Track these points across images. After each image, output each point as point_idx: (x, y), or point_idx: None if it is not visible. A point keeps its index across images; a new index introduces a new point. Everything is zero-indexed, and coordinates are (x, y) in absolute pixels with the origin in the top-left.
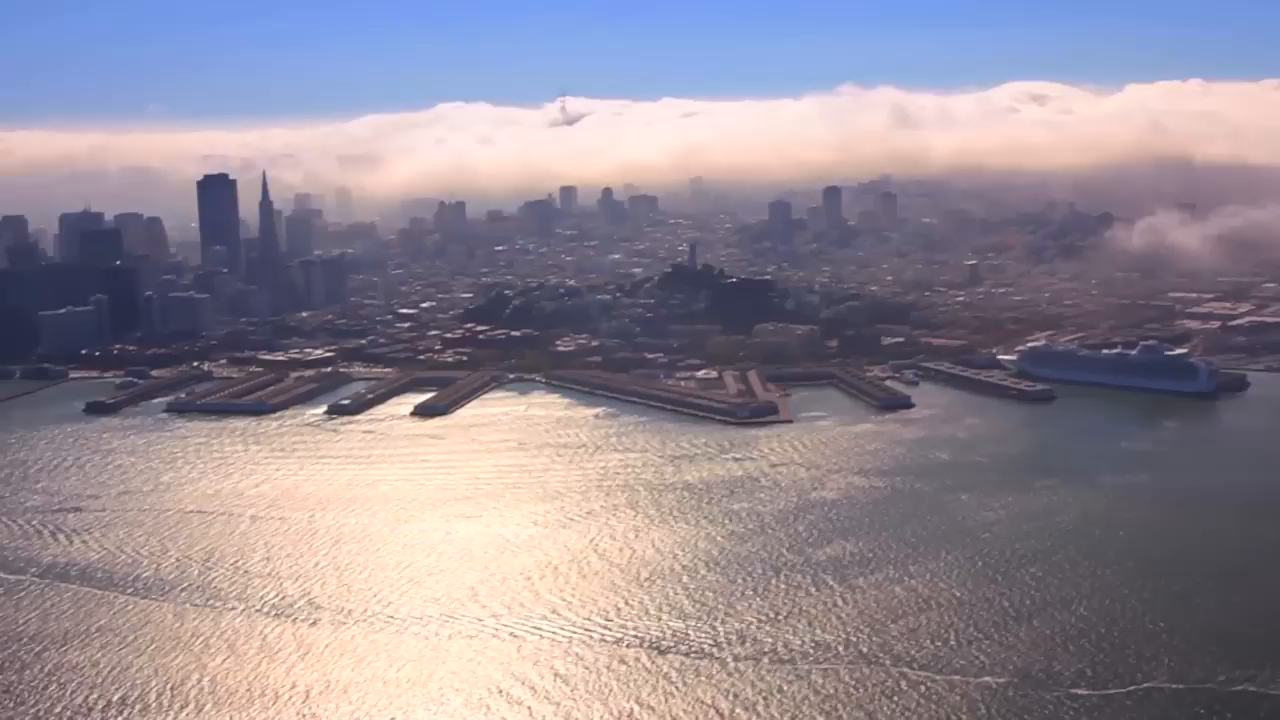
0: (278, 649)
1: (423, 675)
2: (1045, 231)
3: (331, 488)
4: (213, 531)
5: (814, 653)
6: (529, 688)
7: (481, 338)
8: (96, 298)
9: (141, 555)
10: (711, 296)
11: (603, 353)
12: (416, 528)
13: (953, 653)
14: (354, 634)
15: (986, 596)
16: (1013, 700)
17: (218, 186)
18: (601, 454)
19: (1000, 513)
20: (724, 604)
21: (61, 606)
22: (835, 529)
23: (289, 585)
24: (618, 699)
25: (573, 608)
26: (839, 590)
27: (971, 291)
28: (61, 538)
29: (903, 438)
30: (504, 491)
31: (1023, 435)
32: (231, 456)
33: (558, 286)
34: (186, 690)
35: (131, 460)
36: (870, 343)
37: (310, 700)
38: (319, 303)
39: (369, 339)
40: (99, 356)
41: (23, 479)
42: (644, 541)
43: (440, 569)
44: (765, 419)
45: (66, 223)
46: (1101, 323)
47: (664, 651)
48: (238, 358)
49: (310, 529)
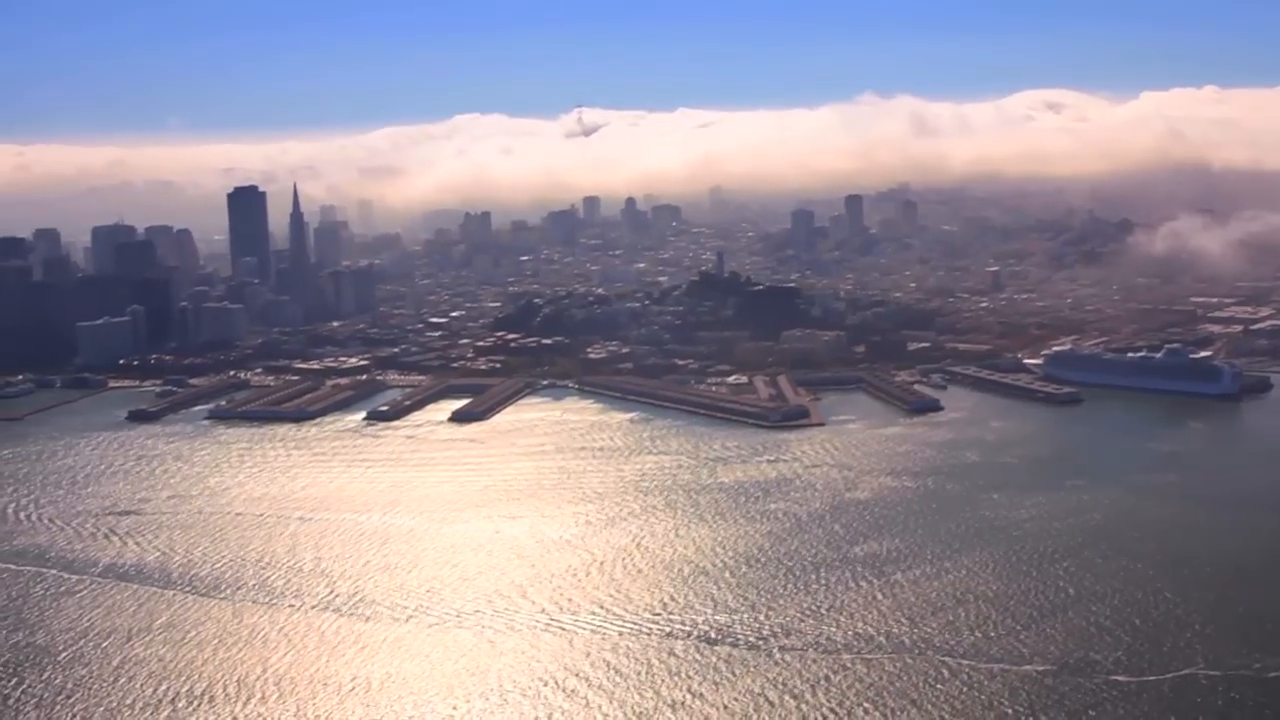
0: (336, 644)
1: (479, 668)
2: (1065, 238)
3: (376, 490)
4: (263, 533)
5: (857, 644)
6: (583, 679)
7: (513, 345)
8: (133, 308)
9: (196, 556)
10: (739, 303)
11: (633, 359)
12: (462, 528)
13: (993, 643)
14: (409, 629)
15: (1021, 591)
16: (1056, 687)
17: (248, 198)
18: (637, 457)
19: (1031, 511)
20: (766, 599)
21: (123, 604)
22: (870, 528)
23: (342, 583)
24: (669, 689)
25: (620, 603)
26: (877, 585)
27: (994, 297)
28: (117, 540)
29: (932, 440)
30: (545, 493)
31: (1051, 437)
32: (275, 461)
33: (586, 295)
34: (252, 683)
35: (178, 465)
36: (896, 348)
37: (373, 692)
38: (348, 312)
39: (402, 347)
40: (136, 366)
41: (74, 484)
42: (685, 540)
43: (489, 567)
44: (797, 422)
45: (98, 235)
46: (1124, 327)
47: (712, 644)
48: (273, 366)
49: (358, 529)
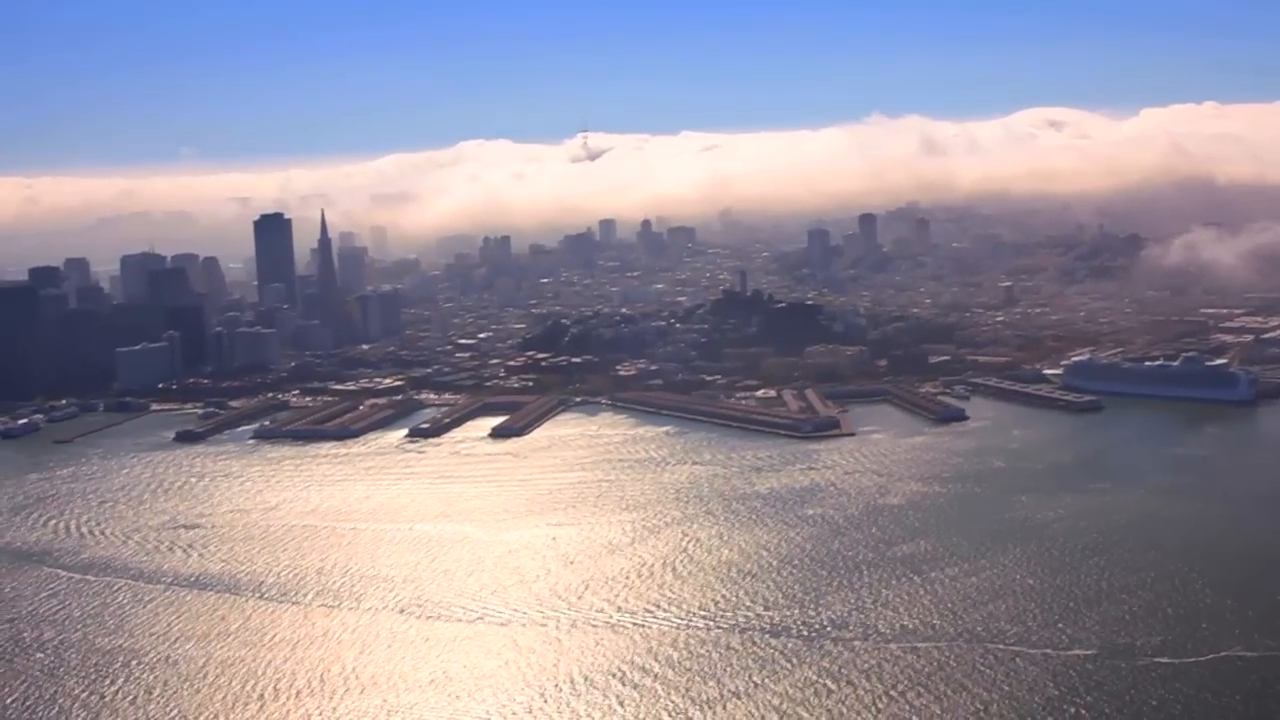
0: (409, 643)
1: (550, 662)
2: (1076, 253)
3: (426, 502)
4: (322, 543)
5: (904, 635)
6: (648, 673)
7: (544, 364)
8: (169, 334)
9: (260, 565)
10: (762, 321)
11: (662, 376)
12: (515, 535)
13: (1033, 632)
14: (479, 629)
15: (1056, 585)
16: (1103, 668)
17: (273, 225)
18: (675, 468)
19: (1059, 512)
20: (813, 597)
21: (198, 610)
22: (906, 530)
23: (405, 588)
24: (731, 680)
25: (675, 603)
26: (918, 583)
27: (1009, 311)
28: (182, 552)
29: (959, 448)
30: (590, 503)
31: (1073, 443)
32: (325, 476)
33: (613, 315)
34: (334, 679)
35: (231, 482)
36: (918, 361)
37: (453, 685)
38: (375, 336)
39: (435, 368)
40: (175, 390)
41: (134, 501)
42: (729, 545)
43: (546, 571)
44: (828, 433)
45: (127, 264)
46: (1139, 338)
47: (768, 636)
48: (309, 388)
49: (414, 538)
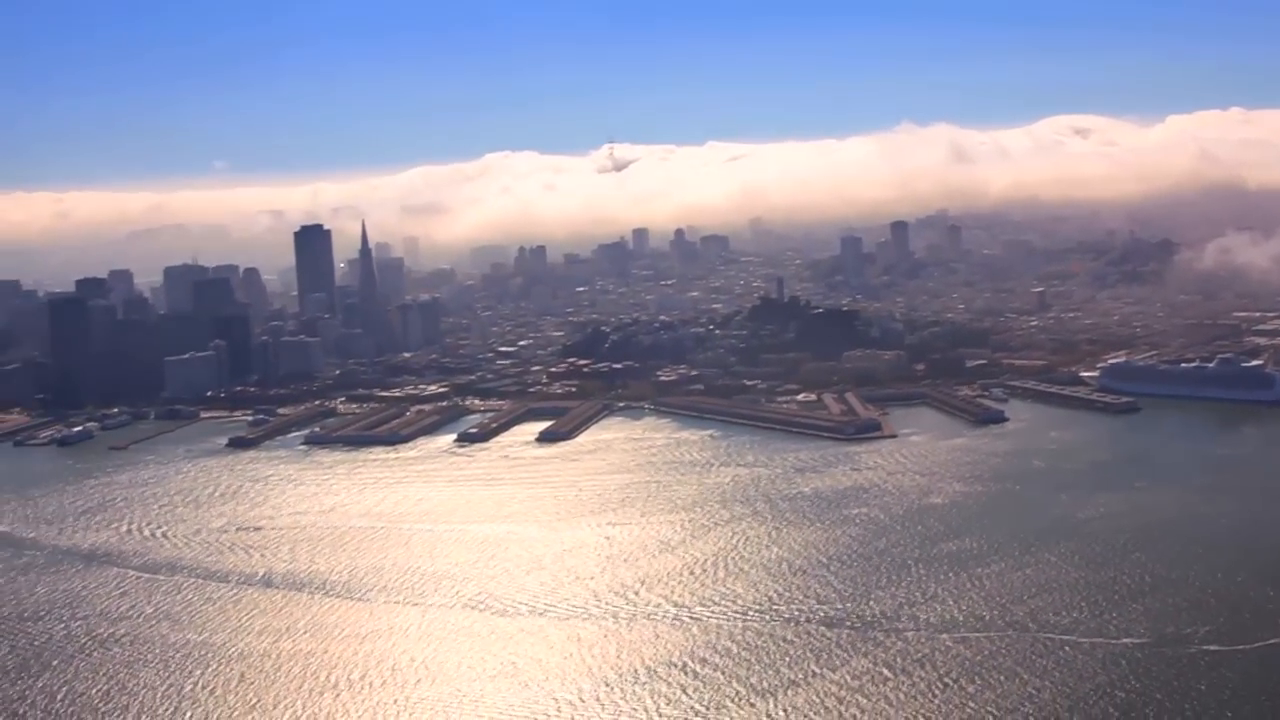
0: (474, 636)
1: (611, 655)
2: (1107, 258)
3: (479, 504)
4: (382, 543)
5: (955, 626)
6: (708, 663)
7: (586, 370)
8: (215, 343)
9: (323, 564)
10: (800, 327)
11: (703, 381)
12: (569, 534)
13: (1081, 624)
14: (542, 622)
15: (1102, 579)
16: (1155, 656)
17: (314, 237)
18: (720, 469)
19: (1101, 510)
20: (863, 591)
21: (265, 607)
22: (951, 529)
23: (467, 584)
24: (788, 670)
25: (729, 598)
26: (965, 578)
27: (1042, 316)
28: (248, 552)
29: (999, 449)
30: (639, 504)
31: (1112, 443)
32: (378, 480)
33: (651, 322)
34: (404, 670)
35: (288, 486)
36: (955, 365)
37: (520, 675)
38: (416, 344)
39: (478, 374)
40: (223, 398)
41: (195, 505)
42: (778, 543)
43: (602, 568)
44: (870, 435)
45: (170, 275)
46: (1173, 341)
47: (822, 628)
48: (355, 395)
49: (471, 537)
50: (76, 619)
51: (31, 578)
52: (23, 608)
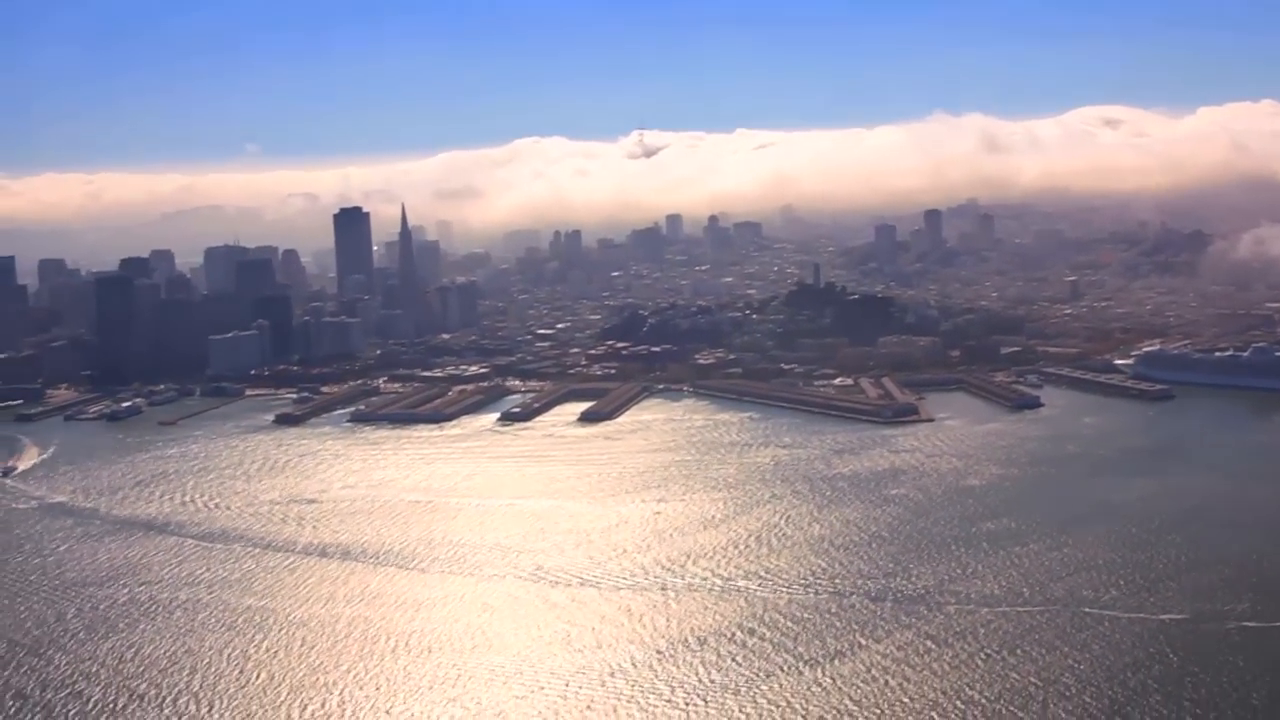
0: (526, 605)
1: (662, 624)
2: (1139, 249)
3: (526, 481)
4: (435, 516)
5: (998, 602)
6: (756, 634)
7: (624, 353)
8: (259, 323)
9: (376, 535)
10: (836, 312)
11: (741, 364)
12: (615, 511)
13: (1120, 600)
14: (591, 594)
15: (1139, 559)
16: (1195, 631)
17: (353, 219)
18: (761, 450)
19: (1136, 494)
20: (904, 568)
21: (322, 575)
22: (989, 509)
23: (520, 556)
24: (835, 640)
25: (774, 572)
26: (1005, 556)
27: (1075, 305)
28: (301, 524)
29: (1034, 434)
30: (682, 482)
31: (1146, 429)
32: (425, 457)
33: (689, 306)
34: (458, 637)
35: (337, 461)
36: (990, 351)
37: (573, 642)
38: (454, 326)
39: (517, 356)
40: (267, 376)
41: (247, 477)
42: (820, 521)
43: (649, 543)
44: (907, 418)
45: (211, 255)
46: (1206, 330)
47: (865, 601)
48: (397, 375)
49: (519, 512)
50: (139, 585)
51: (94, 545)
52: (87, 574)
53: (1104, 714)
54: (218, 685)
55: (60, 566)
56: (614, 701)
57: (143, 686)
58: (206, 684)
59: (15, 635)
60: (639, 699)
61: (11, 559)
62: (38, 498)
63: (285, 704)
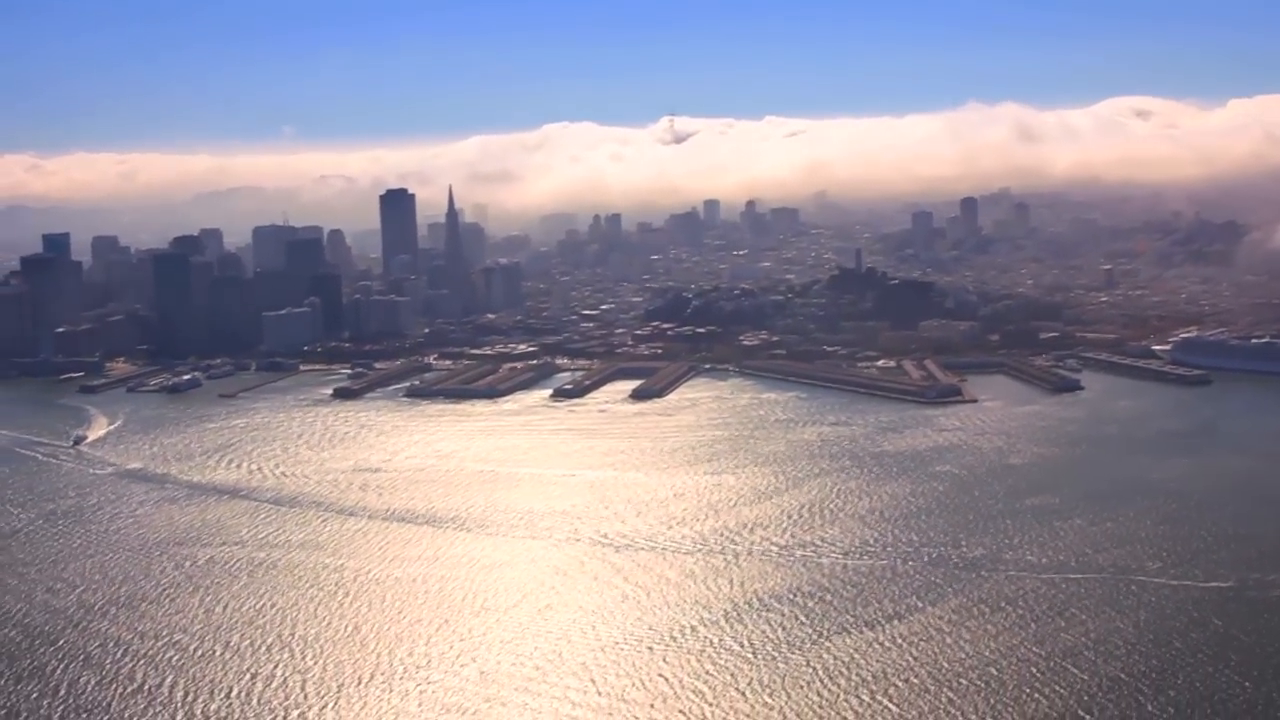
0: (595, 568)
1: (724, 588)
2: (1172, 238)
3: (584, 453)
4: (497, 485)
5: (1049, 569)
6: (814, 597)
7: (670, 334)
8: (310, 300)
9: (444, 502)
10: (877, 296)
11: (785, 346)
12: (672, 482)
13: (1165, 570)
14: (654, 558)
15: (1180, 533)
16: (1241, 597)
17: (398, 200)
18: (808, 427)
19: (1175, 472)
20: (951, 539)
21: (399, 539)
22: (1032, 486)
23: (584, 523)
24: (891, 604)
25: (828, 541)
26: (1049, 529)
27: (1110, 292)
28: (368, 491)
29: (1074, 415)
30: (736, 456)
31: (1184, 413)
32: (484, 430)
33: (732, 289)
34: (534, 596)
35: (398, 433)
36: (1029, 336)
37: (643, 602)
38: (499, 306)
39: (564, 335)
40: (320, 352)
41: (314, 447)
42: (867, 495)
43: (706, 513)
44: (950, 399)
45: (259, 235)
46: (1241, 318)
47: (917, 568)
48: (447, 352)
49: (580, 483)
50: (219, 545)
51: (171, 509)
52: (172, 534)
53: (1153, 674)
54: (306, 635)
55: (141, 527)
56: (687, 657)
57: (235, 638)
58: (296, 635)
59: (108, 591)
60: (711, 654)
61: (96, 521)
62: (113, 464)
63: (376, 651)
